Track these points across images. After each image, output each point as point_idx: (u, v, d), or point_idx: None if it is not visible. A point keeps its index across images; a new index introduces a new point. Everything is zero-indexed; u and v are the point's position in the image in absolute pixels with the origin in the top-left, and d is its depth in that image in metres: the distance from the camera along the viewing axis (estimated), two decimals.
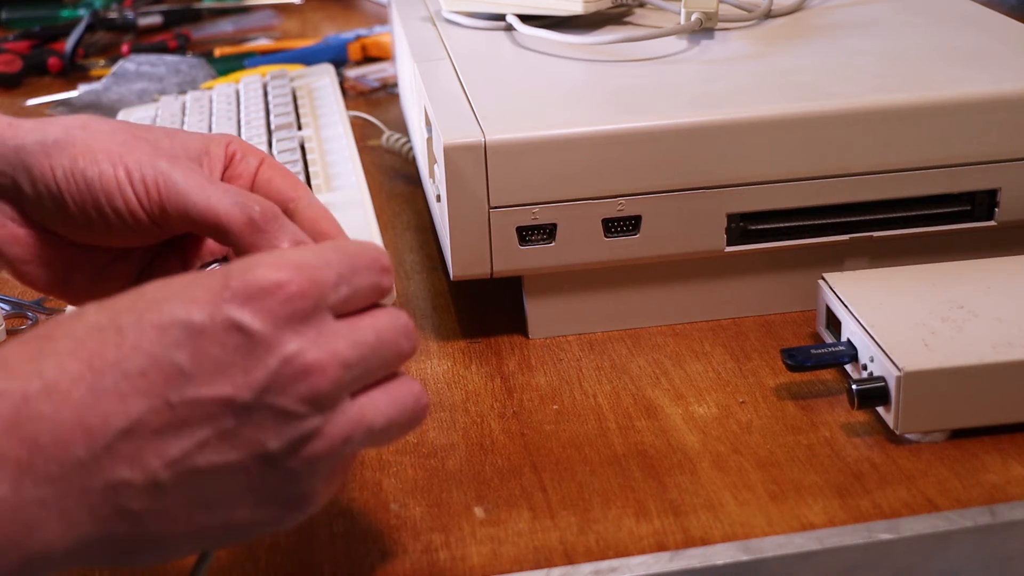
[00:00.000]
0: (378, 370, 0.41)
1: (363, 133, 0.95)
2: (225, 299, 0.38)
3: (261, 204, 0.48)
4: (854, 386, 0.53)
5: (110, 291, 0.53)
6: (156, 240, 0.51)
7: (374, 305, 0.43)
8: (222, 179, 0.52)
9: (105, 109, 1.05)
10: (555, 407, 0.58)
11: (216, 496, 0.38)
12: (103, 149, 0.49)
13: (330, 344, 0.39)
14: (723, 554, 0.47)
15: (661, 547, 0.48)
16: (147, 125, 0.53)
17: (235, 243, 0.48)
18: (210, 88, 0.99)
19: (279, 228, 0.48)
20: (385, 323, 0.42)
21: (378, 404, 0.41)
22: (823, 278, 0.61)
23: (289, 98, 0.91)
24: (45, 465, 0.36)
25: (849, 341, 0.57)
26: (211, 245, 0.55)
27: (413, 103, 0.78)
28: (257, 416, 0.38)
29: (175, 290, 0.39)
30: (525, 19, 0.75)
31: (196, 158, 0.52)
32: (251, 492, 0.39)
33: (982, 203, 0.63)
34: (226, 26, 1.35)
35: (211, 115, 0.91)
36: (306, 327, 0.39)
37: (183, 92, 1.03)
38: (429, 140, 0.66)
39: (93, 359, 0.37)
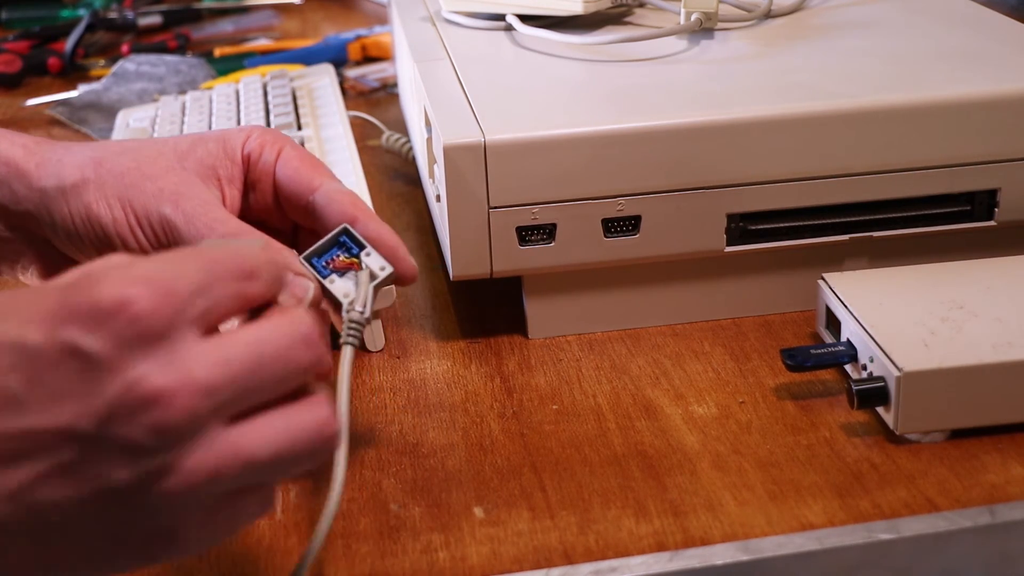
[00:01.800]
0: (266, 390, 0.37)
1: (363, 133, 0.95)
2: (63, 319, 0.34)
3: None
4: (854, 386, 0.53)
5: None
6: None
7: (263, 310, 0.39)
8: (245, 183, 0.53)
9: (105, 109, 1.05)
10: (555, 407, 0.58)
11: (63, 532, 0.35)
12: (114, 194, 0.50)
13: (185, 367, 0.35)
14: (723, 554, 0.47)
15: (661, 547, 0.48)
16: (163, 142, 0.53)
17: None
18: (210, 88, 0.99)
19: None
20: (271, 334, 0.37)
21: (263, 433, 0.37)
22: (823, 278, 0.61)
23: (289, 98, 0.91)
24: None
25: (849, 341, 0.57)
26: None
27: (413, 103, 0.78)
28: (102, 448, 0.34)
29: (14, 306, 0.35)
30: (525, 19, 0.75)
31: (212, 173, 0.52)
32: (103, 528, 0.36)
33: (982, 203, 0.63)
34: (226, 26, 1.35)
35: (211, 115, 0.91)
36: (157, 349, 0.35)
37: (183, 92, 1.03)
38: (429, 140, 0.66)
39: None
